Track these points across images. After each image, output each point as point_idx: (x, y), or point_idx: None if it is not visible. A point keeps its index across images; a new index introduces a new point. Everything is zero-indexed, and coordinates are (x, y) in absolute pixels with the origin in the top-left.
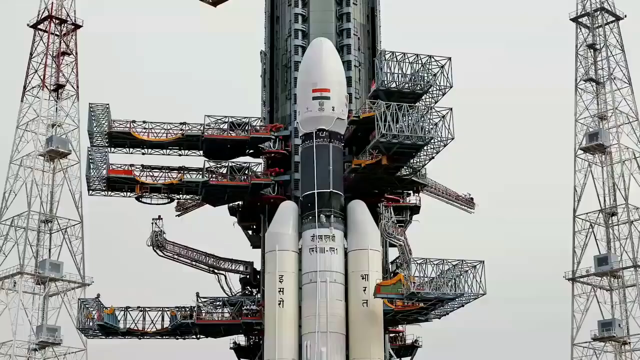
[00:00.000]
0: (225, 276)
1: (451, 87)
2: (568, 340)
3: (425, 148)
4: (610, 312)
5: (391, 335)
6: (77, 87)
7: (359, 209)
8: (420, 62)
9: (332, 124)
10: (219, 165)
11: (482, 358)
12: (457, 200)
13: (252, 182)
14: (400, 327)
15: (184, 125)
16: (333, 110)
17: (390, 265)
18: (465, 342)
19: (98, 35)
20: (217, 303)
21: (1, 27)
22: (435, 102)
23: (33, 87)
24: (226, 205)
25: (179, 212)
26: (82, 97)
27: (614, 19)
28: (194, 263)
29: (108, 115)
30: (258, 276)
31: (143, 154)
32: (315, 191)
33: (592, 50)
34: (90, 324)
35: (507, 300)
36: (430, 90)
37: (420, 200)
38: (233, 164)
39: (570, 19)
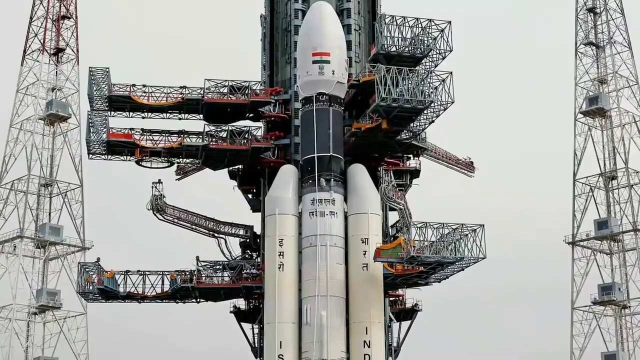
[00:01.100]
0: (225, 240)
1: (451, 51)
2: (568, 304)
3: (425, 112)
4: (610, 276)
5: (391, 299)
6: (77, 51)
7: (359, 173)
8: (420, 26)
9: (332, 88)
10: (218, 129)
11: (482, 321)
12: (457, 164)
13: (252, 146)
14: (400, 291)
15: (184, 89)
16: (333, 74)
17: (390, 229)
18: (465, 305)
19: None
20: (217, 267)
21: None
22: (435, 66)
23: (33, 51)
24: (226, 169)
25: (179, 176)
26: (82, 61)
27: None
28: (194, 227)
29: (108, 79)
30: (258, 240)
31: (143, 117)
32: (315, 155)
33: (592, 14)
34: (90, 287)
35: (507, 264)
36: (430, 54)
37: (420, 164)
38: (233, 128)
39: None
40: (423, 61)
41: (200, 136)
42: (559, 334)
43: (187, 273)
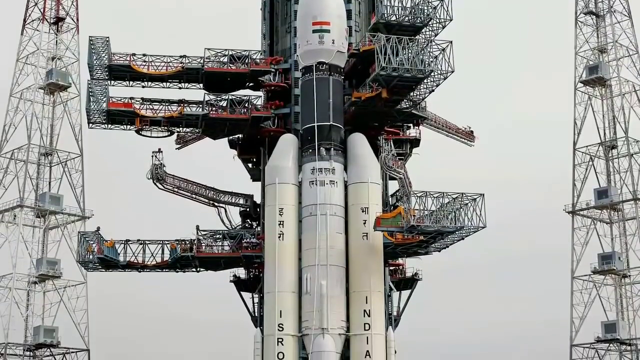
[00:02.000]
0: (225, 209)
1: (451, 20)
2: (568, 273)
3: (425, 81)
4: (610, 245)
5: (391, 268)
6: (77, 20)
7: (359, 142)
8: None
9: (332, 57)
10: (218, 98)
11: (482, 290)
12: (457, 133)
13: (252, 115)
14: (400, 260)
15: (184, 58)
16: (333, 43)
17: (390, 198)
18: (465, 274)
19: None
20: (217, 236)
21: None
22: (435, 35)
23: (33, 20)
24: (226, 138)
25: (179, 145)
26: (82, 30)
27: None
28: (194, 196)
29: (108, 48)
30: (258, 209)
31: (143, 87)
32: (315, 124)
33: None
34: (90, 257)
35: (507, 233)
36: (430, 23)
37: (420, 133)
38: (233, 97)
39: None
40: (423, 30)
41: (200, 105)
42: (559, 303)
43: (187, 242)
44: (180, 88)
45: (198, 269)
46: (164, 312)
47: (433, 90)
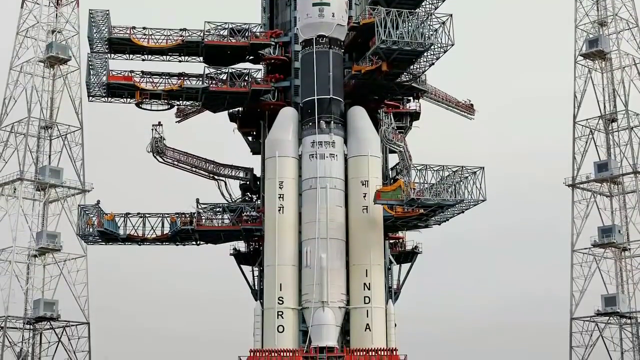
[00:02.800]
0: (225, 182)
1: None
2: (568, 246)
3: (425, 54)
4: (610, 219)
5: (391, 241)
6: None
7: (358, 115)
8: None
9: (332, 30)
10: (218, 72)
11: (481, 264)
12: (457, 107)
13: (252, 89)
14: (400, 234)
15: (184, 32)
16: (333, 16)
17: (390, 172)
18: (465, 247)
19: None
20: (217, 209)
21: None
22: (435, 9)
23: None
24: (226, 112)
25: (179, 119)
26: (82, 3)
27: None
28: (193, 169)
29: (108, 22)
30: (258, 182)
31: (143, 60)
32: (315, 97)
33: None
34: (90, 230)
35: (507, 206)
36: None
37: (420, 107)
38: (233, 70)
39: None
40: (423, 3)
41: (200, 78)
42: (558, 276)
43: (187, 215)
44: (180, 61)
45: (198, 242)
46: (163, 286)
47: (433, 64)
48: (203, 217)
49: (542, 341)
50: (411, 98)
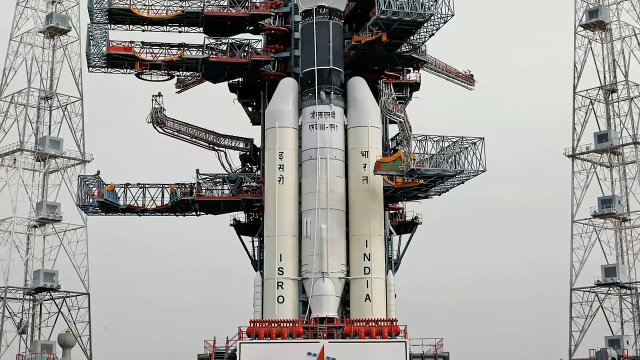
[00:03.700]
0: (225, 153)
1: None
2: (568, 217)
3: (425, 25)
4: (610, 189)
5: (391, 212)
6: None
7: (358, 86)
8: None
9: (332, 1)
10: (218, 42)
11: (481, 235)
12: (457, 77)
13: (252, 59)
14: (400, 204)
15: (184, 2)
16: None
17: (390, 142)
18: (464, 218)
19: None
20: (217, 180)
21: None
22: None
23: None
24: (226, 82)
25: (179, 89)
26: None
27: None
28: (193, 140)
29: None
30: (258, 153)
31: (143, 30)
32: (315, 68)
33: None
34: (90, 200)
35: (507, 177)
36: None
37: (420, 77)
38: (233, 41)
39: None
40: None
41: (200, 49)
42: (558, 247)
43: (187, 186)
44: (180, 32)
45: (198, 213)
46: (163, 256)
47: (433, 34)
48: (203, 188)
49: (542, 312)
50: (411, 69)
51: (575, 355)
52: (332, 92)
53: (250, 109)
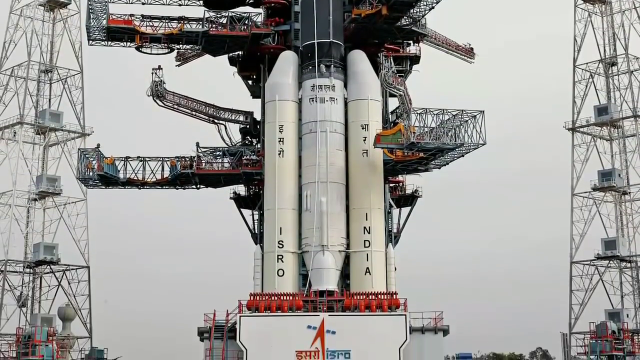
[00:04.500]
0: (225, 126)
1: None
2: (568, 190)
3: None
4: (610, 162)
5: (391, 185)
6: None
7: (359, 59)
8: None
9: None
10: (219, 15)
11: (481, 207)
12: (457, 50)
13: (252, 32)
14: (400, 177)
15: None
16: None
17: (390, 115)
18: (465, 191)
19: None
20: (217, 153)
21: None
22: None
23: None
24: (226, 56)
25: (179, 62)
26: None
27: None
28: (193, 113)
29: None
30: (258, 126)
31: (143, 3)
32: (315, 41)
33: None
34: (90, 174)
35: (507, 150)
36: None
37: (420, 50)
38: (233, 14)
39: None
40: None
41: (200, 22)
42: (559, 220)
43: (187, 159)
44: (180, 5)
45: (198, 186)
46: (163, 229)
47: (433, 7)
48: (203, 161)
49: (542, 285)
50: (411, 42)
51: (575, 329)
52: (332, 65)
53: (250, 82)
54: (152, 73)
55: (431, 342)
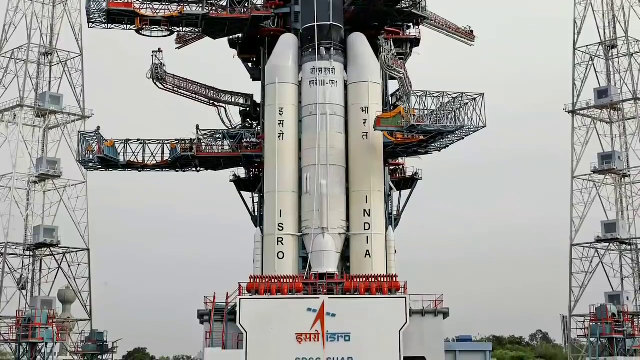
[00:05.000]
0: (225, 109)
1: None
2: (568, 173)
3: None
4: (610, 145)
5: (391, 167)
6: None
7: (359, 42)
8: None
9: None
10: None
11: (482, 190)
12: (457, 33)
13: (252, 15)
14: (400, 160)
15: None
16: None
17: (390, 98)
18: (465, 174)
19: None
20: (217, 135)
21: None
22: None
23: None
24: (226, 38)
25: (179, 45)
26: None
27: None
28: (193, 95)
29: None
30: (258, 109)
31: None
32: (315, 24)
33: None
34: (90, 156)
35: (507, 132)
36: None
37: (420, 33)
38: None
39: None
40: None
41: (201, 5)
42: (559, 203)
43: (187, 142)
44: None
45: (198, 169)
46: (163, 212)
47: None
48: (203, 144)
49: (542, 267)
50: (411, 24)
51: (575, 311)
52: (332, 48)
53: (250, 64)
54: (152, 56)
55: (431, 324)
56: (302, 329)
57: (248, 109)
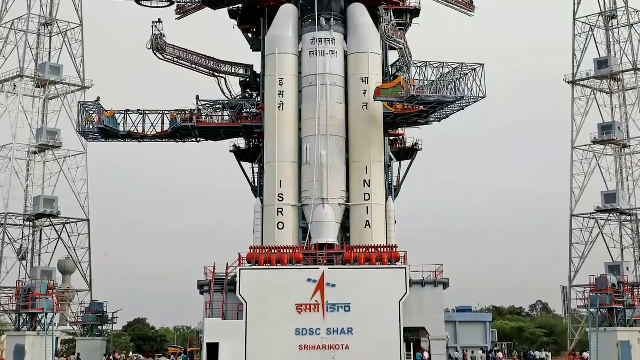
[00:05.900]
0: (225, 79)
1: None
2: (568, 143)
3: None
4: (610, 116)
5: (391, 138)
6: None
7: (359, 12)
8: None
9: None
10: None
11: (482, 161)
12: (457, 4)
13: None
14: (400, 130)
15: None
16: None
17: (390, 69)
18: (464, 144)
19: None
20: (217, 106)
21: None
22: None
23: None
24: (226, 9)
25: (179, 15)
26: None
27: None
28: (193, 66)
29: None
30: (258, 79)
31: None
32: None
33: None
34: (90, 127)
35: (507, 103)
36: None
37: (420, 4)
38: None
39: None
40: None
41: None
42: (559, 173)
43: (187, 112)
44: None
45: (198, 139)
46: (163, 183)
47: None
48: (203, 114)
49: (542, 238)
50: None
51: (575, 282)
52: (332, 19)
53: (250, 35)
54: (152, 26)
55: (431, 295)
56: (302, 299)
57: (248, 79)
